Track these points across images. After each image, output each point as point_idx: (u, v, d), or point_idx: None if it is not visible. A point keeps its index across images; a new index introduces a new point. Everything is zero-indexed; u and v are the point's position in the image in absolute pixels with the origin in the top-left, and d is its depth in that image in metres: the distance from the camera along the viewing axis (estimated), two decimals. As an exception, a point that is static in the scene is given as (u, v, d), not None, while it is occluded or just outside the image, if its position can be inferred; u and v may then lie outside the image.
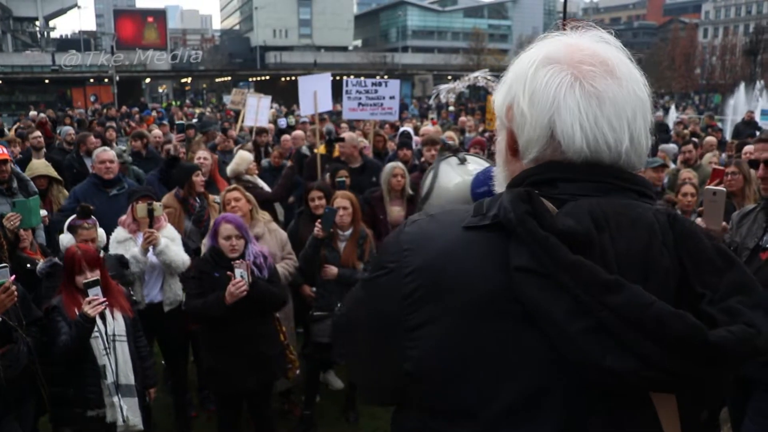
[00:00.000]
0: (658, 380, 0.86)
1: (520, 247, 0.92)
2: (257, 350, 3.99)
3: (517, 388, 0.91)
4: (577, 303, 0.87)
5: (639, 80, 1.03)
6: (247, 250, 4.02)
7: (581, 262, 0.87)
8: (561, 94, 0.98)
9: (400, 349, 0.98)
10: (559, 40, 1.05)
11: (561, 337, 0.88)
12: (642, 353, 0.84)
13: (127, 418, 3.55)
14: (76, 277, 3.61)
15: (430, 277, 0.96)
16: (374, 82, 8.43)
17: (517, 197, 0.94)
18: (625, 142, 0.99)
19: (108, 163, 5.76)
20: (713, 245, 0.96)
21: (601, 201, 0.96)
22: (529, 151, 1.04)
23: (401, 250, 1.00)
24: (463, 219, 1.00)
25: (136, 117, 21.21)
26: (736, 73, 57.75)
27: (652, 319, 0.84)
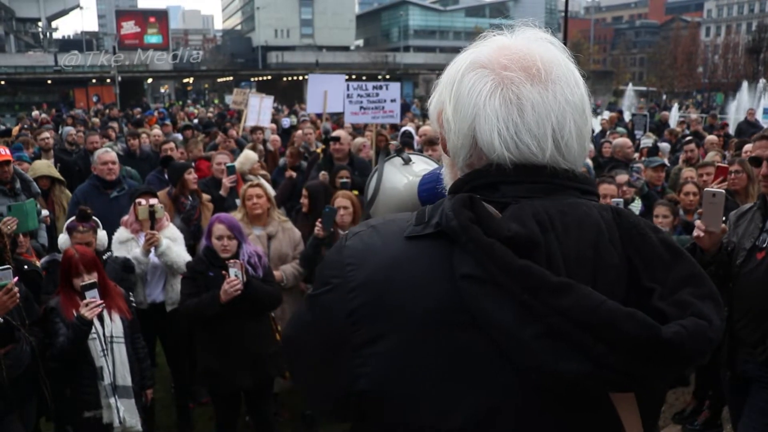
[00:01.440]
0: (613, 381, 0.85)
1: (464, 254, 0.89)
2: (252, 349, 3.98)
3: (474, 400, 0.89)
4: (526, 308, 0.84)
5: (573, 83, 0.99)
6: (241, 250, 4.02)
7: (528, 266, 0.85)
8: (481, 102, 0.97)
9: (349, 368, 0.94)
10: (491, 42, 1.04)
11: (512, 344, 0.86)
12: (595, 355, 0.82)
13: (123, 419, 3.55)
14: (74, 280, 3.61)
15: (374, 292, 0.93)
16: (375, 86, 8.43)
17: (459, 203, 0.92)
18: (549, 148, 0.96)
19: (110, 164, 5.75)
20: (659, 238, 0.95)
21: (544, 203, 0.94)
22: (457, 158, 1.03)
23: (344, 265, 0.97)
24: (404, 229, 0.97)
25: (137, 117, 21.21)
26: (739, 72, 57.69)
27: (602, 320, 0.82)
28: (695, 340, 0.83)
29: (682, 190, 5.67)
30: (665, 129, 14.57)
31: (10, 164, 5.50)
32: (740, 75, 56.82)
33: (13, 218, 4.39)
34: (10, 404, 3.34)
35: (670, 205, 5.13)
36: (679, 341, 0.82)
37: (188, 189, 5.47)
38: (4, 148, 5.79)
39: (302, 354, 1.09)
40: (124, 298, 3.89)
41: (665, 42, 70.84)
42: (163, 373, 5.39)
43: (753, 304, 3.22)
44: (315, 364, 1.04)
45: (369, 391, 0.93)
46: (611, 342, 0.82)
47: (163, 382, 5.30)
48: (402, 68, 59.20)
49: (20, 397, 3.42)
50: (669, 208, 5.06)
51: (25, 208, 4.62)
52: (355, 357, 0.93)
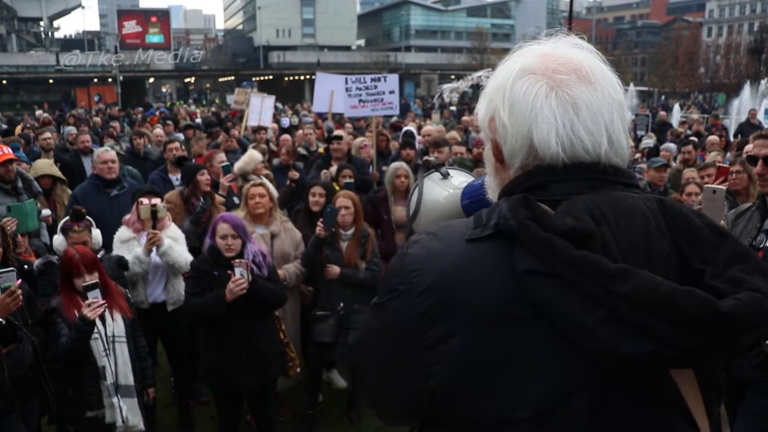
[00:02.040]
0: (676, 358, 0.90)
1: (524, 251, 0.95)
2: (256, 348, 3.99)
3: (545, 387, 0.94)
4: (588, 296, 0.90)
5: (614, 83, 1.07)
6: (246, 249, 4.02)
7: (587, 255, 0.90)
8: (538, 104, 1.03)
9: (422, 367, 0.99)
10: (533, 50, 1.10)
11: (577, 330, 0.91)
12: (657, 335, 0.87)
13: (126, 418, 3.56)
14: (75, 280, 3.61)
15: (442, 294, 0.98)
16: (373, 78, 8.44)
17: (515, 204, 0.97)
18: (604, 144, 1.03)
19: (110, 163, 5.74)
20: (704, 222, 1.01)
21: (593, 197, 1.00)
22: (513, 160, 1.08)
23: (408, 272, 1.02)
24: (463, 232, 1.03)
25: (138, 117, 21.25)
26: (741, 72, 57.59)
27: (662, 300, 0.87)
28: (752, 311, 0.88)
29: (684, 191, 5.67)
30: (667, 129, 14.55)
31: (13, 163, 5.49)
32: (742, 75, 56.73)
33: (12, 219, 4.38)
34: (12, 404, 3.34)
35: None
36: (737, 313, 0.86)
37: (201, 190, 5.41)
38: (6, 147, 5.78)
39: (372, 360, 1.14)
40: (125, 298, 3.90)
41: (667, 42, 70.72)
42: (164, 372, 5.40)
43: None
44: (386, 369, 1.09)
45: (442, 388, 0.98)
46: (672, 320, 0.87)
47: (164, 382, 5.31)
48: (403, 68, 59.18)
49: (22, 396, 3.42)
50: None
51: (25, 208, 4.62)
52: (428, 356, 0.98)
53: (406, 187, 5.74)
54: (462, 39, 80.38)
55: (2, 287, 3.19)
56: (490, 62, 19.51)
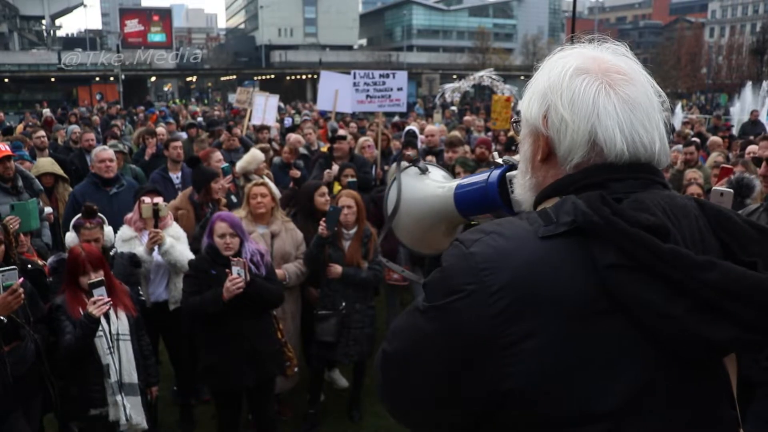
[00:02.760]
0: (753, 342, 0.94)
1: (604, 246, 0.96)
2: (254, 347, 3.99)
3: (625, 379, 0.96)
4: (675, 287, 0.93)
5: (652, 87, 1.10)
6: (243, 248, 4.03)
7: (676, 248, 0.93)
8: (600, 100, 1.05)
9: (496, 368, 0.97)
10: (580, 53, 1.12)
11: (664, 321, 0.93)
12: (744, 320, 0.91)
13: (130, 416, 3.57)
14: (80, 278, 3.62)
15: (520, 292, 0.96)
16: (382, 74, 8.43)
17: (596, 201, 0.98)
18: (657, 142, 1.07)
19: (108, 161, 5.75)
20: (743, 219, 1.05)
21: (649, 194, 1.03)
22: (571, 157, 1.08)
23: (478, 271, 0.99)
24: (529, 229, 1.01)
25: (140, 116, 21.26)
26: (743, 73, 57.49)
27: (750, 288, 0.91)
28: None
29: (686, 192, 5.67)
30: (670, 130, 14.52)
31: (11, 160, 5.47)
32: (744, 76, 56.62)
33: (15, 217, 4.38)
34: (15, 401, 3.35)
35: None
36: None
37: (212, 197, 5.35)
38: (3, 144, 5.78)
39: (421, 367, 1.07)
40: (132, 294, 3.90)
41: (669, 43, 70.65)
42: (166, 371, 5.40)
43: None
44: (444, 376, 1.03)
45: (521, 389, 0.96)
46: (759, 306, 0.91)
47: (166, 381, 5.31)
48: (405, 68, 59.21)
49: (25, 394, 3.43)
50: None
51: (28, 207, 4.62)
52: (504, 357, 0.96)
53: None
54: (464, 39, 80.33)
55: (4, 285, 3.20)
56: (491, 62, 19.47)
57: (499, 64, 50.90)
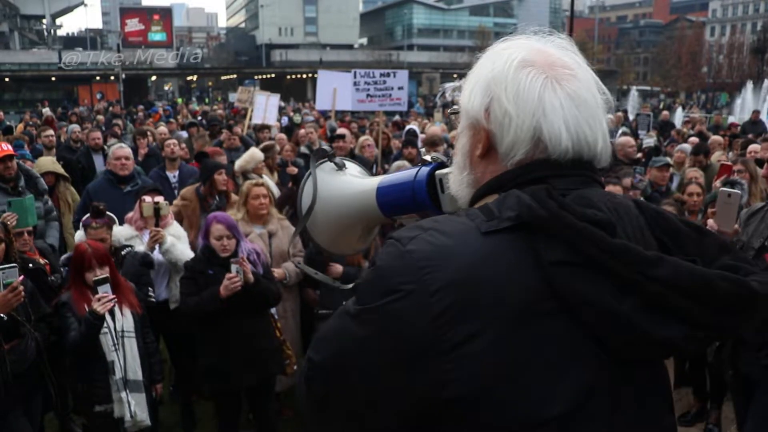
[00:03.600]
0: (703, 340, 0.92)
1: (550, 242, 0.91)
2: (253, 346, 3.99)
3: (570, 384, 0.92)
4: (623, 283, 0.90)
5: (596, 84, 1.07)
6: (239, 248, 4.03)
7: (625, 243, 0.91)
8: (546, 95, 1.00)
9: (436, 374, 0.90)
10: (525, 45, 1.07)
11: (612, 319, 0.90)
12: (693, 316, 0.89)
13: (134, 413, 3.57)
14: (86, 274, 3.63)
15: (460, 293, 0.90)
16: (382, 73, 8.41)
17: (542, 194, 0.94)
18: (600, 141, 1.03)
19: (123, 159, 5.75)
20: (680, 220, 1.03)
21: (593, 192, 1.01)
22: (513, 153, 1.02)
23: (416, 269, 0.92)
24: (472, 225, 0.95)
25: (140, 115, 21.27)
26: (744, 72, 57.46)
27: (700, 283, 0.89)
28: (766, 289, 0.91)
29: (685, 191, 5.66)
30: (670, 128, 14.53)
31: (13, 159, 5.41)
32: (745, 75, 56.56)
33: (12, 214, 4.36)
34: (16, 400, 3.36)
35: (676, 205, 5.12)
36: (764, 291, 0.90)
37: (217, 189, 5.35)
38: (5, 144, 5.74)
39: (356, 375, 0.98)
40: (140, 294, 3.90)
41: (670, 41, 70.61)
42: (166, 370, 5.40)
43: None
44: (378, 383, 0.96)
45: (463, 396, 0.90)
46: (708, 302, 0.89)
47: (167, 380, 5.31)
48: (405, 67, 59.15)
49: (25, 393, 3.44)
50: (675, 208, 5.05)
51: (25, 204, 4.59)
52: (444, 362, 0.90)
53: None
54: (464, 38, 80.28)
55: (4, 283, 3.21)
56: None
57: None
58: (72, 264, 3.74)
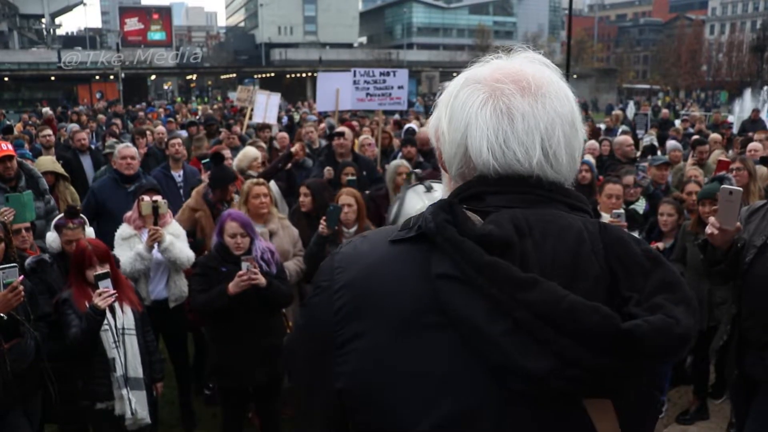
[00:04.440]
0: (580, 380, 0.85)
1: (441, 255, 0.93)
2: (264, 344, 3.99)
3: (448, 403, 0.90)
4: (496, 305, 0.87)
5: (563, 97, 1.04)
6: (253, 246, 4.04)
7: (496, 262, 0.88)
8: (473, 112, 1.02)
9: (331, 366, 0.98)
10: (488, 64, 1.09)
11: (482, 341, 0.88)
12: (559, 350, 0.84)
13: (135, 411, 3.57)
14: (87, 272, 3.62)
15: (355, 293, 0.97)
16: (382, 72, 8.41)
17: (438, 208, 0.96)
18: (536, 156, 0.99)
19: (129, 159, 5.75)
20: (642, 249, 0.97)
21: (526, 211, 0.98)
22: (451, 168, 1.07)
23: (333, 269, 1.02)
24: (390, 235, 1.02)
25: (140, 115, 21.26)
26: (743, 70, 57.49)
27: (565, 312, 0.84)
28: (659, 334, 0.84)
29: (685, 189, 5.67)
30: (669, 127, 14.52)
31: (13, 159, 5.38)
32: (744, 73, 56.62)
33: (10, 209, 4.33)
34: (15, 399, 3.36)
35: (675, 204, 5.12)
36: (640, 333, 0.84)
37: (228, 198, 5.29)
38: (5, 144, 5.72)
39: (296, 356, 1.13)
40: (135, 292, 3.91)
41: (669, 40, 70.58)
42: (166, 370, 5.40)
43: (761, 305, 3.14)
44: (306, 366, 1.08)
45: (346, 391, 0.96)
46: (573, 335, 0.84)
47: (167, 379, 5.31)
48: (405, 65, 59.13)
49: (25, 392, 3.44)
50: (674, 207, 5.06)
51: (23, 199, 4.55)
52: (337, 355, 0.97)
53: (408, 184, 5.74)
54: (464, 36, 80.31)
55: (4, 283, 3.20)
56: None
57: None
58: (73, 261, 3.73)
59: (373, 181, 6.62)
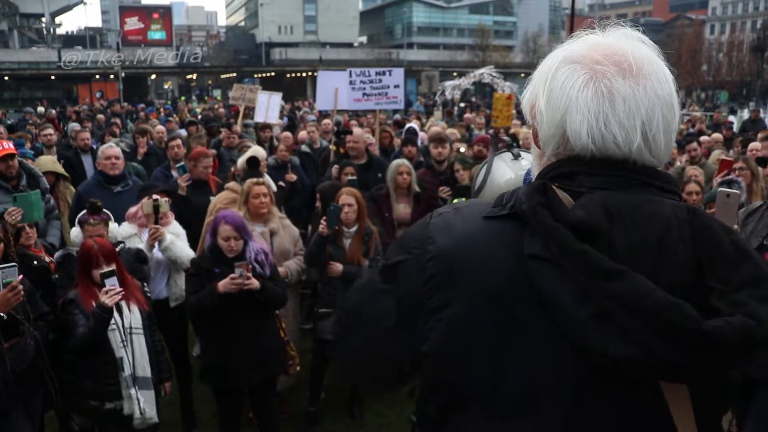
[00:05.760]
0: (659, 369, 0.89)
1: (533, 236, 0.96)
2: (257, 345, 4.00)
3: (531, 374, 0.94)
4: (583, 290, 0.90)
5: (663, 78, 1.04)
6: (247, 247, 4.03)
7: (586, 250, 0.90)
8: (574, 93, 1.01)
9: (422, 329, 1.02)
10: (583, 40, 1.08)
11: (568, 322, 0.91)
12: (641, 341, 0.87)
13: (143, 410, 3.57)
14: (93, 271, 3.62)
15: (445, 264, 1.01)
16: (378, 72, 8.39)
17: (533, 189, 0.99)
18: (637, 140, 1.00)
19: (113, 159, 5.70)
20: (731, 239, 0.96)
21: (617, 195, 0.98)
22: (546, 148, 1.09)
23: (425, 237, 1.05)
24: (484, 210, 1.05)
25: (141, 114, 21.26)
26: (743, 70, 57.47)
27: (650, 307, 0.86)
28: (738, 336, 0.85)
29: (684, 189, 5.65)
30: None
31: (14, 158, 5.38)
32: (745, 73, 56.59)
33: (18, 209, 4.35)
34: (16, 399, 3.36)
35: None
36: (720, 335, 0.85)
37: None
38: (7, 142, 5.72)
39: (372, 320, 1.14)
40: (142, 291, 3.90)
41: (669, 40, 70.47)
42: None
43: None
44: (385, 329, 1.11)
45: (432, 353, 1.01)
46: (657, 329, 0.86)
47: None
48: (405, 65, 59.15)
49: (25, 392, 3.44)
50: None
51: (30, 198, 4.56)
52: (429, 320, 1.02)
53: (408, 184, 5.73)
54: (464, 36, 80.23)
55: (4, 282, 3.20)
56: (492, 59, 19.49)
57: (500, 61, 50.78)
58: (79, 261, 3.73)
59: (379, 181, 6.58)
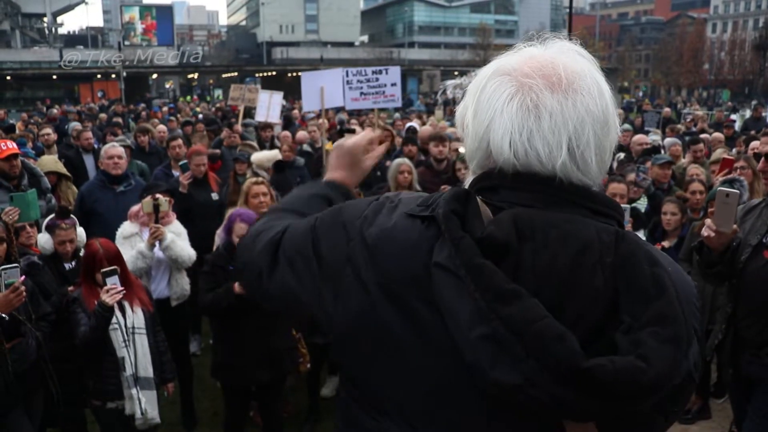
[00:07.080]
0: (545, 403, 0.83)
1: (444, 243, 0.93)
2: (270, 344, 4.00)
3: (422, 378, 0.94)
4: (478, 308, 0.86)
5: (597, 94, 0.98)
6: None
7: (483, 266, 0.87)
8: (499, 106, 0.99)
9: (329, 297, 1.06)
10: (521, 52, 1.05)
11: (461, 338, 0.88)
12: (525, 369, 0.82)
13: (145, 410, 3.57)
14: (96, 274, 3.61)
15: (366, 251, 1.02)
16: (374, 70, 8.37)
17: (454, 196, 0.97)
18: (561, 157, 0.95)
19: (116, 158, 5.68)
20: (652, 272, 0.90)
21: (536, 212, 0.94)
22: (472, 161, 1.07)
23: (363, 216, 1.06)
24: (410, 206, 1.04)
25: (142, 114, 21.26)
26: (745, 69, 57.38)
27: (534, 335, 0.82)
28: (621, 379, 0.81)
29: (688, 189, 5.64)
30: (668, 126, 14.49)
31: (18, 158, 5.38)
32: (746, 72, 56.51)
33: (15, 208, 4.34)
34: (17, 399, 3.36)
35: (678, 203, 5.10)
36: (601, 375, 0.80)
37: None
38: (10, 142, 5.72)
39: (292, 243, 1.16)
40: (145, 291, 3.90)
41: (671, 38, 70.42)
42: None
43: (758, 304, 3.13)
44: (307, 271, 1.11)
45: (338, 327, 1.05)
46: (538, 359, 0.82)
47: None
48: (406, 64, 59.06)
49: (26, 392, 3.44)
50: (677, 206, 5.04)
51: (27, 198, 4.56)
52: (336, 295, 1.05)
53: (409, 182, 5.73)
54: (465, 35, 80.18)
55: (6, 283, 3.20)
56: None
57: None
58: (83, 262, 3.73)
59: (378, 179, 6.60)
